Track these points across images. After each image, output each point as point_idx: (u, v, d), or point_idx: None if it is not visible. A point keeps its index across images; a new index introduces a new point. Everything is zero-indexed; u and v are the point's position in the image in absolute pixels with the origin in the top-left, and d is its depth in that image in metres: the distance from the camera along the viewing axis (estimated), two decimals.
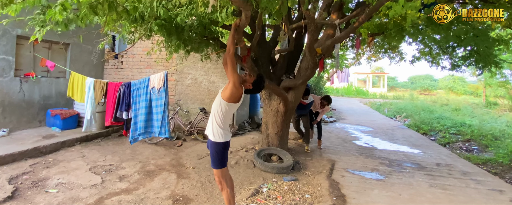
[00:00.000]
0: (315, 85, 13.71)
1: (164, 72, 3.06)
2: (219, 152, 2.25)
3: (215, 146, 2.27)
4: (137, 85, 3.36)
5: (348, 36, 3.93)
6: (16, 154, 3.83)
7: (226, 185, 2.33)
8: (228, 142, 2.34)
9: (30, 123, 5.05)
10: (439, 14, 2.23)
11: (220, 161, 2.27)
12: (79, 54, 5.73)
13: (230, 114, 2.32)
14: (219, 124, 2.26)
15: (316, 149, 5.42)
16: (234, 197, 2.56)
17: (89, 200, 2.99)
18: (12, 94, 4.68)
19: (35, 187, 3.22)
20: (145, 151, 4.76)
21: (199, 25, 2.26)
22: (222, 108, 2.23)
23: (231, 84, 2.16)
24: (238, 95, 2.22)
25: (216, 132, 2.26)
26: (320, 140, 5.48)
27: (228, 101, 2.20)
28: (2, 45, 4.37)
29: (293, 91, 4.39)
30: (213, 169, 2.34)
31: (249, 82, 2.31)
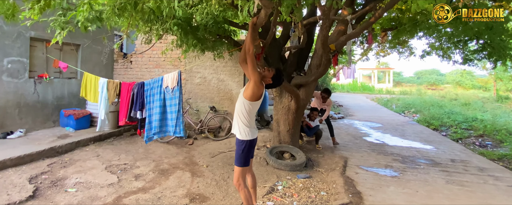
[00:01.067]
0: (322, 82, 13.63)
1: (177, 71, 3.07)
2: (245, 150, 2.26)
3: (241, 144, 2.28)
4: (150, 84, 3.38)
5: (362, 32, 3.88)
6: (34, 154, 3.90)
7: (243, 185, 2.32)
8: (255, 140, 2.34)
9: (45, 123, 5.14)
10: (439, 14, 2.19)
11: (243, 159, 2.28)
12: (89, 55, 5.79)
13: (254, 112, 2.32)
14: (245, 123, 2.26)
15: (326, 146, 5.41)
16: (254, 195, 2.55)
17: (108, 199, 3.03)
18: (27, 95, 4.75)
19: (55, 186, 3.28)
20: (158, 150, 4.80)
21: (214, 23, 2.26)
22: (246, 107, 2.23)
23: (252, 83, 2.15)
24: (260, 93, 2.22)
25: (242, 131, 2.27)
26: (334, 137, 5.42)
27: (250, 100, 2.21)
28: (17, 47, 4.44)
29: (304, 88, 4.37)
30: (235, 167, 2.34)
31: (268, 77, 2.31)
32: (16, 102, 4.60)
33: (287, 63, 4.60)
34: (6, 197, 2.84)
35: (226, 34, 2.84)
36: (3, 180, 3.21)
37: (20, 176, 3.34)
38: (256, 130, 2.37)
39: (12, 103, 4.55)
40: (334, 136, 5.44)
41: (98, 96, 3.89)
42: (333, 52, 3.01)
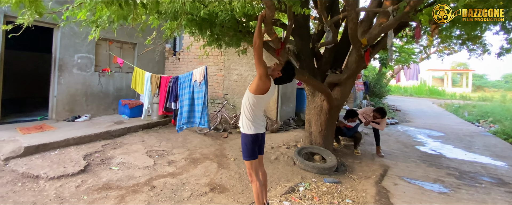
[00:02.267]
0: (375, 83, 12.45)
1: (204, 66, 3.22)
2: (248, 144, 2.24)
3: (244, 137, 2.28)
4: (183, 78, 3.62)
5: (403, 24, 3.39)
6: (92, 136, 4.59)
7: (255, 177, 2.30)
8: (257, 135, 2.29)
9: (106, 110, 6.00)
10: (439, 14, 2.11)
11: (249, 152, 2.26)
12: (145, 53, 6.51)
13: (259, 106, 2.27)
14: (247, 116, 2.25)
15: (367, 152, 4.93)
16: (264, 192, 2.50)
17: (141, 179, 3.36)
18: (93, 86, 5.64)
19: (103, 164, 3.79)
20: (194, 140, 5.11)
21: (231, 19, 2.28)
22: (249, 101, 2.21)
23: (257, 76, 2.12)
24: (265, 88, 2.17)
25: (245, 124, 2.27)
26: (379, 146, 4.84)
27: (254, 93, 2.17)
28: (85, 45, 5.30)
29: (339, 87, 4.07)
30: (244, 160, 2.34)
31: (276, 70, 2.24)
32: (84, 92, 5.50)
33: (322, 60, 4.35)
34: (62, 169, 3.41)
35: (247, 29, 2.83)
36: (64, 155, 3.86)
37: (78, 153, 3.97)
38: (261, 126, 2.32)
39: (80, 92, 5.46)
40: (380, 146, 4.87)
41: (144, 88, 4.35)
42: (365, 47, 2.71)
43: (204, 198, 2.95)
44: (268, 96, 2.27)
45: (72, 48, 5.16)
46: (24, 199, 2.74)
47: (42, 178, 3.20)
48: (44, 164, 3.52)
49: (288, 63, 2.29)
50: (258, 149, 2.37)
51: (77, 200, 2.80)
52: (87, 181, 3.22)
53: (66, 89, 5.20)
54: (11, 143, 3.86)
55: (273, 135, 5.48)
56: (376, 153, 4.87)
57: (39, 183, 3.12)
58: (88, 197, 2.87)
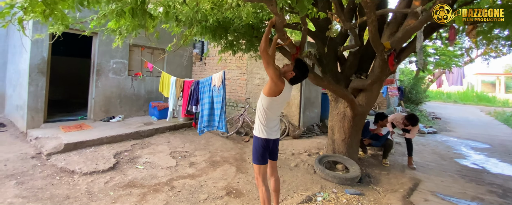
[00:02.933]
0: (411, 88, 11.58)
1: (222, 71, 3.28)
2: (258, 148, 2.22)
3: (255, 140, 2.27)
4: (203, 83, 3.74)
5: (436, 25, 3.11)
6: (123, 135, 4.92)
7: (262, 183, 2.26)
8: (269, 140, 2.25)
9: (138, 112, 6.41)
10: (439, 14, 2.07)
11: (258, 156, 2.23)
12: (173, 58, 6.87)
13: (273, 110, 2.24)
14: (261, 120, 2.24)
15: (397, 163, 4.59)
16: (276, 199, 2.46)
17: (163, 179, 3.51)
18: (126, 89, 6.07)
19: (130, 162, 4.04)
20: (216, 143, 5.21)
21: (245, 25, 2.29)
22: (263, 103, 2.20)
23: (269, 79, 2.10)
24: (278, 90, 2.14)
25: (257, 128, 2.26)
26: (411, 157, 4.49)
27: (268, 96, 2.16)
28: (119, 51, 5.74)
29: (364, 93, 3.86)
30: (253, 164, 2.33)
31: (289, 71, 2.21)
32: (118, 94, 5.94)
33: (346, 64, 4.18)
34: (94, 165, 3.70)
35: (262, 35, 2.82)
36: (97, 152, 4.19)
37: (109, 151, 4.28)
38: (274, 131, 2.28)
39: (115, 94, 5.91)
40: (412, 156, 4.50)
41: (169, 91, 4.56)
42: (388, 51, 2.54)
43: (220, 202, 2.98)
44: (283, 98, 2.24)
45: (108, 54, 5.62)
46: (60, 192, 3.01)
47: (77, 173, 3.51)
48: (80, 160, 3.85)
49: (297, 61, 2.25)
50: (270, 154, 2.34)
51: (104, 195, 3.01)
52: (114, 178, 3.45)
53: (103, 91, 5.68)
54: (54, 140, 4.30)
55: (295, 141, 5.38)
56: (408, 164, 4.51)
57: (74, 177, 3.42)
58: (114, 193, 3.07)
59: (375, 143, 4.58)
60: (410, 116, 4.38)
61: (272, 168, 2.42)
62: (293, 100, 5.64)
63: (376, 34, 2.32)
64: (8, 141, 4.45)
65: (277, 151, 2.43)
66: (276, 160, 2.46)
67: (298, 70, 2.23)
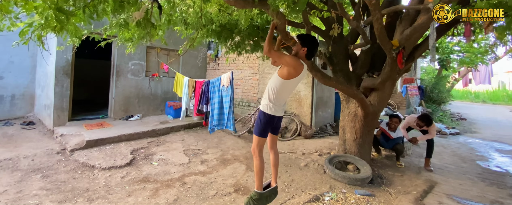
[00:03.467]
0: (433, 87, 11.04)
1: (230, 71, 3.37)
2: (262, 121, 2.28)
3: (261, 114, 2.32)
4: (213, 83, 3.84)
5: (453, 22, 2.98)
6: (140, 133, 5.16)
7: (258, 154, 2.35)
8: (274, 117, 2.31)
9: (155, 111, 6.68)
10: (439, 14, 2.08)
11: (260, 129, 2.31)
12: (188, 59, 7.08)
13: (285, 91, 2.28)
14: (270, 98, 2.27)
15: (413, 165, 4.44)
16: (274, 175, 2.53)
17: (175, 175, 3.65)
18: (144, 89, 6.35)
19: (146, 159, 4.23)
20: (228, 141, 5.32)
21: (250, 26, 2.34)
22: (276, 84, 2.23)
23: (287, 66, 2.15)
24: (297, 73, 2.18)
25: (265, 104, 2.31)
26: (429, 159, 4.30)
27: (285, 78, 2.19)
28: (137, 53, 6.02)
29: (376, 93, 3.78)
30: (253, 135, 2.40)
31: (299, 49, 2.23)
32: (136, 94, 6.23)
33: (357, 63, 4.11)
34: (113, 161, 3.91)
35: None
36: (116, 149, 4.43)
37: (127, 148, 4.50)
38: (281, 110, 2.34)
39: (133, 94, 6.20)
40: (430, 158, 4.31)
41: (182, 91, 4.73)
42: (397, 49, 2.48)
43: (227, 198, 3.06)
44: (297, 81, 2.28)
45: (127, 56, 5.91)
46: (80, 185, 3.24)
47: (97, 168, 3.74)
48: (100, 156, 4.10)
49: (300, 36, 2.27)
50: (272, 129, 2.41)
51: (120, 189, 3.19)
52: (130, 173, 3.64)
53: (122, 91, 5.97)
54: (77, 137, 4.60)
55: (306, 141, 5.35)
56: (424, 166, 4.34)
57: (93, 172, 3.65)
58: (129, 187, 3.24)
59: (385, 143, 4.44)
60: (423, 116, 4.22)
61: (272, 142, 2.49)
62: (305, 99, 5.62)
63: (382, 32, 2.28)
64: (36, 138, 4.83)
65: (279, 127, 2.49)
66: (277, 135, 2.54)
67: (307, 44, 2.24)
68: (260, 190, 2.40)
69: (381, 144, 4.50)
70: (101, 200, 2.90)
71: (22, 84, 5.86)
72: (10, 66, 5.67)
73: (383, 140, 4.44)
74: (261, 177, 2.38)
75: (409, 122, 4.46)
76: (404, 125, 4.51)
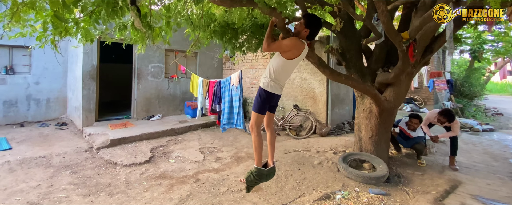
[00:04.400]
0: (464, 81, 10.26)
1: (239, 71, 3.42)
2: (261, 97, 2.29)
3: (260, 91, 2.33)
4: (224, 82, 3.93)
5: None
6: (160, 132, 5.41)
7: (256, 131, 2.35)
8: (273, 95, 2.31)
9: (175, 111, 6.95)
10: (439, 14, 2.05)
11: (259, 106, 2.31)
12: (204, 60, 7.28)
13: (286, 71, 2.29)
14: (271, 76, 2.28)
15: (436, 163, 4.20)
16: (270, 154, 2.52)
17: (190, 172, 3.80)
18: (163, 90, 6.64)
19: (164, 156, 4.44)
20: (243, 140, 5.40)
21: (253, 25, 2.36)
22: (278, 62, 2.24)
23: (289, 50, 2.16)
24: (299, 53, 2.19)
25: (265, 81, 2.30)
26: (454, 157, 4.06)
27: (288, 58, 2.20)
28: (156, 56, 6.31)
29: (392, 88, 3.63)
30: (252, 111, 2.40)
31: (302, 29, 2.19)
32: (156, 95, 6.53)
33: (372, 58, 3.97)
34: (133, 158, 4.16)
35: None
36: (137, 147, 4.69)
37: (147, 146, 4.75)
38: (280, 89, 2.34)
39: (154, 95, 6.50)
40: (455, 156, 4.07)
41: (197, 91, 4.89)
42: (407, 41, 2.37)
43: (238, 195, 3.12)
44: (298, 61, 2.28)
45: (146, 59, 6.22)
46: (103, 180, 3.49)
47: (119, 165, 4.00)
48: (122, 154, 4.37)
49: (305, 16, 2.23)
50: (270, 107, 2.42)
51: (138, 184, 3.40)
52: (149, 170, 3.85)
53: (143, 93, 6.30)
54: (103, 136, 4.94)
55: (322, 139, 5.27)
56: (449, 164, 4.10)
57: (116, 168, 3.90)
58: (147, 183, 3.43)
59: (403, 141, 4.24)
60: (444, 111, 3.97)
61: (269, 119, 2.50)
62: (320, 97, 5.53)
63: (389, 25, 2.19)
64: (68, 137, 5.26)
65: (276, 105, 2.50)
66: (274, 113, 2.55)
67: (311, 26, 2.21)
68: (260, 166, 2.42)
69: (400, 142, 4.30)
70: (121, 195, 3.10)
71: (55, 88, 6.40)
72: (45, 72, 6.22)
73: (400, 139, 4.25)
74: (260, 152, 2.40)
75: (429, 118, 4.22)
76: (425, 121, 4.28)
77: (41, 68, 6.16)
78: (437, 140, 4.14)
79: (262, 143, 2.39)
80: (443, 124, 4.03)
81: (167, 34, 2.21)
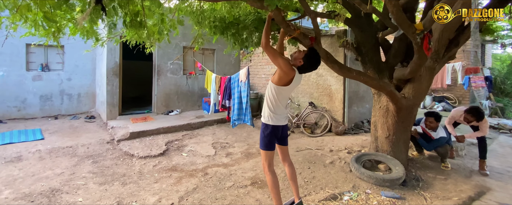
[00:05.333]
0: (505, 77, 9.20)
1: (246, 67, 3.40)
2: (266, 134, 2.23)
3: (263, 127, 2.28)
4: (234, 78, 3.94)
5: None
6: (177, 127, 5.59)
7: (268, 169, 2.26)
8: (277, 127, 2.25)
9: (193, 106, 7.15)
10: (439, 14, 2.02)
11: (265, 142, 2.25)
12: (222, 57, 7.37)
13: (282, 98, 2.22)
14: (270, 107, 2.24)
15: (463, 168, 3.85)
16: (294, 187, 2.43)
17: (200, 166, 3.88)
18: (182, 86, 6.85)
19: (178, 150, 4.59)
20: (256, 136, 5.39)
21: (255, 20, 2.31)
22: (273, 92, 2.20)
23: (278, 69, 2.10)
24: (288, 79, 2.11)
25: (266, 114, 2.27)
26: (484, 160, 3.70)
27: (277, 84, 2.15)
28: (175, 54, 6.51)
29: (411, 84, 3.37)
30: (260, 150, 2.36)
31: (298, 58, 2.14)
32: (175, 91, 6.76)
33: (390, 52, 3.72)
34: (149, 151, 4.35)
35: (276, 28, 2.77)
36: (154, 141, 4.89)
37: (163, 140, 4.94)
38: (283, 118, 2.27)
39: (173, 91, 6.73)
40: (485, 160, 3.70)
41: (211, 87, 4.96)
42: (421, 33, 2.16)
43: (242, 190, 3.13)
44: (292, 88, 2.21)
45: (166, 57, 6.44)
46: (119, 171, 3.69)
47: (135, 156, 4.21)
48: (139, 146, 4.60)
49: (310, 49, 2.15)
50: (280, 140, 2.34)
51: (150, 176, 3.54)
52: (162, 163, 4.00)
53: (163, 89, 6.55)
54: (124, 129, 5.23)
55: (337, 137, 5.08)
56: (479, 169, 3.73)
57: (132, 160, 4.11)
58: (158, 175, 3.57)
59: (424, 143, 3.91)
60: (472, 109, 3.60)
61: (283, 154, 2.41)
62: (336, 94, 5.31)
63: (399, 15, 2.01)
64: (94, 130, 5.65)
65: (286, 136, 2.41)
66: (287, 145, 2.43)
67: (307, 60, 2.15)
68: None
69: (422, 145, 3.97)
70: (132, 185, 3.26)
71: (85, 84, 6.91)
72: (76, 69, 6.74)
73: (422, 141, 3.92)
74: (277, 193, 2.26)
75: (454, 116, 3.87)
76: (449, 120, 3.93)
77: (72, 66, 6.67)
78: (463, 140, 3.78)
79: (277, 182, 2.28)
80: (470, 123, 3.67)
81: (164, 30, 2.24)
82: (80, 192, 3.05)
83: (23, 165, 3.77)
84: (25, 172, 3.54)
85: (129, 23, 1.94)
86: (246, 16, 2.26)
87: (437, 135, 3.80)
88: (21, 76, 6.07)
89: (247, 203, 2.83)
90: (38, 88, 6.29)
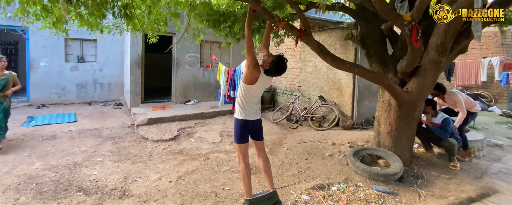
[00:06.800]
0: None
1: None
2: (237, 128, 2.36)
3: (235, 121, 2.41)
4: (238, 70, 4.10)
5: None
6: (191, 115, 5.96)
7: (242, 160, 2.39)
8: (247, 121, 2.34)
9: (209, 97, 7.50)
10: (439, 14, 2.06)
11: (237, 136, 2.37)
12: (238, 50, 7.57)
13: (251, 96, 2.32)
14: (239, 104, 2.35)
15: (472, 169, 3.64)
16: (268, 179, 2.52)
17: (204, 151, 4.16)
18: (199, 78, 7.21)
19: (188, 136, 4.93)
20: (265, 126, 5.52)
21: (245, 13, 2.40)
22: (242, 89, 2.31)
23: (247, 65, 2.22)
24: (253, 78, 2.21)
25: (237, 110, 2.39)
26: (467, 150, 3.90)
27: (244, 82, 2.26)
28: (192, 47, 6.86)
29: (415, 79, 3.25)
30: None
31: (267, 62, 2.24)
32: (193, 82, 7.14)
33: (397, 44, 3.60)
34: (162, 135, 4.74)
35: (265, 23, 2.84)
36: (168, 127, 5.30)
37: (176, 127, 5.32)
38: (253, 114, 2.35)
39: (191, 83, 7.13)
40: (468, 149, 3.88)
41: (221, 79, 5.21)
42: (408, 24, 2.11)
43: (236, 175, 3.33)
44: (259, 87, 2.30)
45: (184, 50, 6.82)
46: (133, 151, 4.12)
47: (149, 140, 4.63)
48: (154, 131, 5.02)
49: (278, 57, 2.24)
50: (253, 135, 2.44)
51: (158, 157, 3.91)
52: (171, 146, 4.36)
53: (181, 80, 6.97)
54: (143, 115, 5.73)
55: (343, 132, 5.02)
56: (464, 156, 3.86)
57: (146, 143, 4.53)
58: (165, 157, 3.92)
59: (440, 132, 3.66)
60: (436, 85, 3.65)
61: (258, 149, 2.50)
62: (346, 88, 5.22)
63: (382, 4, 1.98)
64: (119, 115, 6.26)
65: (260, 131, 2.48)
66: (261, 140, 2.51)
67: (272, 65, 2.24)
68: (249, 196, 2.38)
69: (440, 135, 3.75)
70: (141, 164, 3.64)
71: (115, 74, 7.61)
72: (107, 61, 7.45)
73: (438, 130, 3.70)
74: (248, 183, 2.37)
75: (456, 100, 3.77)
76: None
77: (104, 58, 7.39)
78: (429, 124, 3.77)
79: (249, 173, 2.39)
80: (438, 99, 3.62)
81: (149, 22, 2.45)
82: (97, 167, 3.49)
83: (56, 142, 4.39)
84: (56, 148, 4.12)
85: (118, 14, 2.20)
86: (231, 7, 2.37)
87: (440, 119, 3.67)
88: (61, 66, 6.90)
89: (236, 186, 3.03)
90: (75, 77, 7.10)
